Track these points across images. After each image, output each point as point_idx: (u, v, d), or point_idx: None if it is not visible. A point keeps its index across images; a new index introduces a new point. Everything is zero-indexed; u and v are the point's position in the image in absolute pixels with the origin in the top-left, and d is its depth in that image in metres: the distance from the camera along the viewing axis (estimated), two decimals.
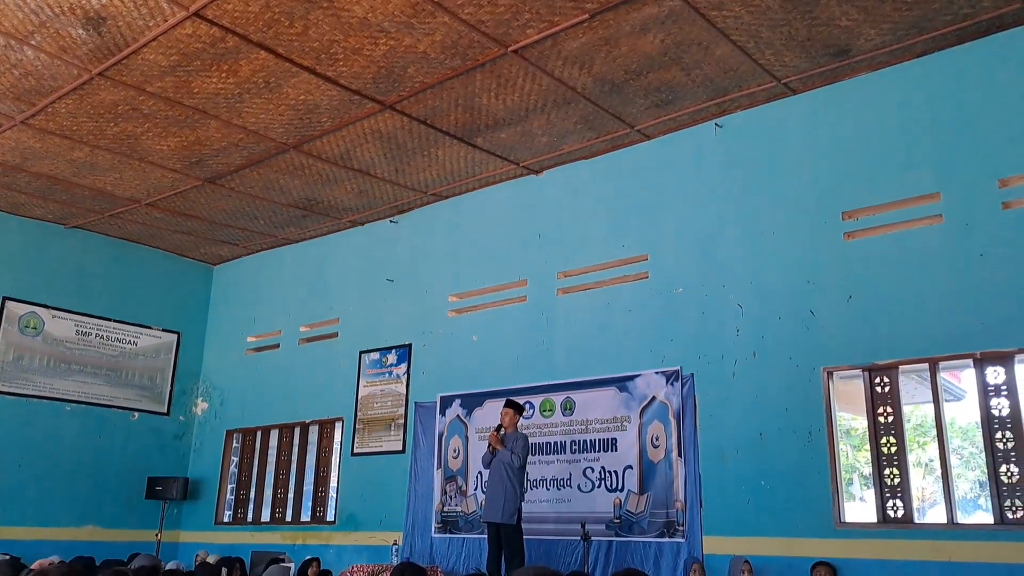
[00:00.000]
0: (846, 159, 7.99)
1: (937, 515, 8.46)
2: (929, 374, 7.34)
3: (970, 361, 7.10)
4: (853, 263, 7.72)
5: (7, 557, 7.40)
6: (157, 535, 12.14)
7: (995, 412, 6.90)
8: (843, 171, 7.98)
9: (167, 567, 8.13)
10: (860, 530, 7.33)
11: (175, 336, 13.27)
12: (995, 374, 6.95)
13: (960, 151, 7.39)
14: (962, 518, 7.34)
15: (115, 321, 12.61)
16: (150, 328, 12.98)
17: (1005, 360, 6.91)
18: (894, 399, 7.42)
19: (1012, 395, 6.83)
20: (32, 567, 5.57)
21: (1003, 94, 7.28)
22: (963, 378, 9.94)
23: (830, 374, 7.68)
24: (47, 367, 11.89)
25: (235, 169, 10.08)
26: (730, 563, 7.44)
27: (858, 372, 7.61)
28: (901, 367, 7.43)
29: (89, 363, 12.28)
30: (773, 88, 8.24)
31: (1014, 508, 6.63)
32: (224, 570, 6.52)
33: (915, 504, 7.27)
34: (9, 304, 11.64)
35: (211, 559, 9.38)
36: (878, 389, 7.49)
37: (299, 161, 9.84)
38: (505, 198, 10.47)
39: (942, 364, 7.32)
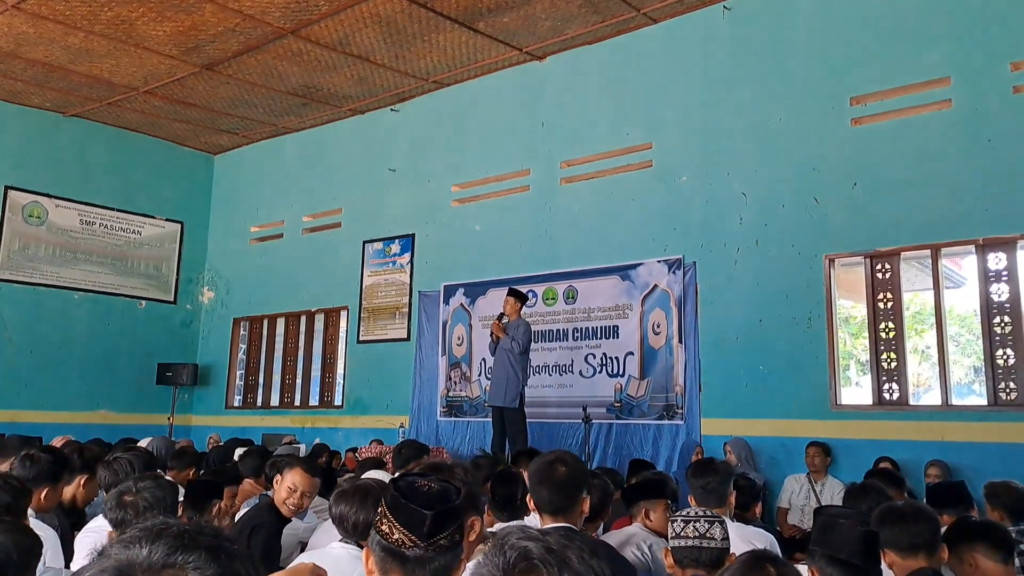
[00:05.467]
0: (856, 43, 7.83)
1: (932, 398, 8.64)
2: (931, 260, 7.39)
3: (972, 247, 7.14)
4: (859, 149, 7.66)
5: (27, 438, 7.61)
6: (169, 419, 12.44)
7: (995, 297, 6.99)
8: (852, 55, 7.84)
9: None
10: (856, 412, 7.53)
11: (178, 226, 13.29)
12: (996, 260, 7.00)
13: (972, 34, 7.24)
14: (956, 401, 7.51)
15: (118, 211, 12.61)
16: (153, 218, 13.00)
17: (1007, 246, 6.95)
18: (895, 285, 7.49)
19: (1012, 281, 6.91)
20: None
21: None
22: (963, 265, 9.98)
23: (831, 261, 7.73)
24: (53, 256, 11.96)
25: (232, 55, 9.88)
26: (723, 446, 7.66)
27: (859, 259, 7.66)
28: (903, 253, 7.48)
29: (95, 252, 12.35)
30: None
31: (1008, 390, 6.79)
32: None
33: (911, 388, 7.43)
34: (12, 193, 11.61)
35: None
36: (879, 275, 7.55)
37: (297, 47, 9.64)
38: (508, 85, 10.31)
39: (944, 250, 7.37)
